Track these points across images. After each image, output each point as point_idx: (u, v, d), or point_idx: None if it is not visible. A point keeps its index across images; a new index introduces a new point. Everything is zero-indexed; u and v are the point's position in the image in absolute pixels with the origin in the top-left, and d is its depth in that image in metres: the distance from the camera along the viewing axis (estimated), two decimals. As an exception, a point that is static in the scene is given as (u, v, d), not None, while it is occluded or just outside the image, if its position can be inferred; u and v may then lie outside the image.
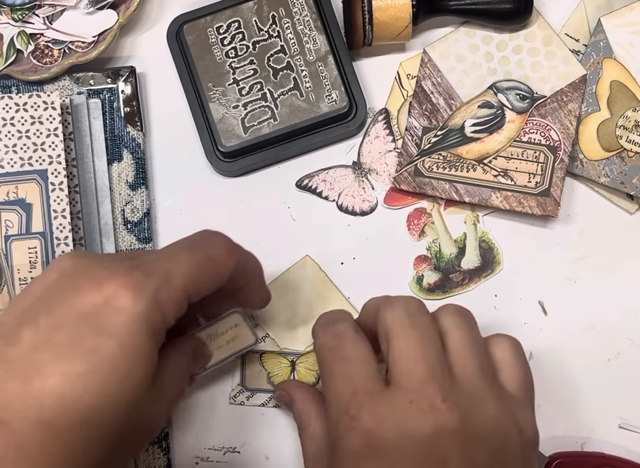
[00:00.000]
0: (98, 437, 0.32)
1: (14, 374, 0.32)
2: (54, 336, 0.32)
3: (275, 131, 0.47)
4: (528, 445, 0.37)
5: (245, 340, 0.43)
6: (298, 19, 0.48)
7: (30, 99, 0.46)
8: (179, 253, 0.36)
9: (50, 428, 0.31)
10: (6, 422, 0.31)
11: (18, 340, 0.32)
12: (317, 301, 0.47)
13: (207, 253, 0.37)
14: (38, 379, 0.31)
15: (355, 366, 0.37)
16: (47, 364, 0.32)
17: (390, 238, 0.49)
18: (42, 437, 0.31)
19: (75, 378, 0.31)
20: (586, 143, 0.48)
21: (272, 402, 0.46)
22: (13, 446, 0.31)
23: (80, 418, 0.31)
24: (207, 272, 0.37)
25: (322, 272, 0.48)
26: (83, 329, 0.32)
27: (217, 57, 0.48)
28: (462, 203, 0.48)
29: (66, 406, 0.31)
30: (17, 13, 0.49)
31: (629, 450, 0.46)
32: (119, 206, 0.48)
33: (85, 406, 0.31)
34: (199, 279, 0.36)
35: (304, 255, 0.48)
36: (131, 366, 0.33)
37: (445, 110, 0.49)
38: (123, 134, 0.49)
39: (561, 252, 0.49)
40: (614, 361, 0.47)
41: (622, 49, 0.49)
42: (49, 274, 0.35)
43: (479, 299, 0.48)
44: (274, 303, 0.46)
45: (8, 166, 0.45)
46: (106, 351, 0.32)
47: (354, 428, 0.34)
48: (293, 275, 0.48)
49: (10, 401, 0.31)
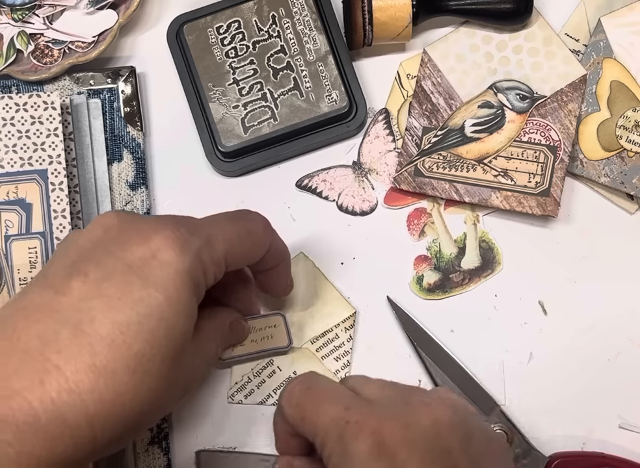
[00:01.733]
0: (146, 385, 0.33)
1: (66, 323, 0.33)
2: (103, 287, 0.33)
3: (275, 131, 0.47)
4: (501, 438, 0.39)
5: (279, 341, 0.45)
6: (298, 19, 0.48)
7: (30, 99, 0.46)
8: (222, 222, 0.38)
9: (103, 372, 0.32)
10: (61, 367, 0.32)
11: (68, 290, 0.33)
12: (312, 297, 0.47)
13: (247, 226, 0.39)
14: (89, 326, 0.33)
15: (335, 389, 0.37)
16: (97, 313, 0.33)
17: (390, 238, 0.49)
18: (95, 381, 0.32)
19: (125, 327, 0.33)
20: (586, 143, 0.48)
21: (270, 400, 0.47)
22: (67, 389, 0.32)
23: (130, 365, 0.33)
24: (246, 243, 0.38)
25: (317, 269, 0.48)
26: (131, 280, 0.33)
27: (217, 57, 0.48)
28: (462, 203, 0.48)
29: (117, 352, 0.32)
30: (17, 13, 0.49)
31: (629, 450, 0.46)
32: (119, 206, 0.48)
33: (134, 353, 0.33)
34: (238, 248, 0.38)
35: (299, 252, 0.48)
36: (176, 317, 0.34)
37: (445, 110, 0.49)
38: (123, 134, 0.49)
39: (561, 252, 0.49)
40: (614, 361, 0.47)
41: (622, 49, 0.49)
42: (94, 229, 0.36)
43: (479, 299, 0.48)
44: (267, 299, 0.47)
45: (8, 166, 0.45)
46: (153, 303, 0.33)
47: (361, 431, 0.34)
48: None
49: (64, 347, 0.32)
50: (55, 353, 0.32)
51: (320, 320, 0.47)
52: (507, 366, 0.47)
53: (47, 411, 0.31)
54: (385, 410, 0.35)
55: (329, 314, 0.47)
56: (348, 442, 0.34)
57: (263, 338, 0.45)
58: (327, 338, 0.47)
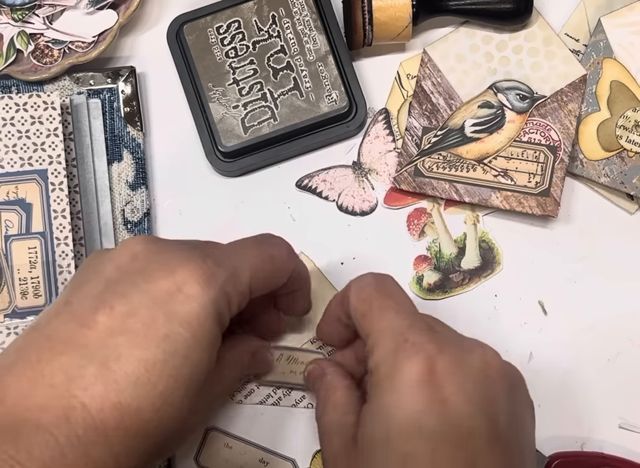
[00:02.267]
0: (169, 418, 0.34)
1: (93, 358, 0.33)
2: (129, 322, 0.33)
3: (275, 131, 0.47)
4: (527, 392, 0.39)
5: None
6: (298, 19, 0.48)
7: (30, 99, 0.46)
8: (247, 248, 0.38)
9: (128, 410, 0.32)
10: (86, 404, 0.32)
11: (94, 324, 0.33)
12: (313, 297, 0.47)
13: (271, 252, 0.39)
14: (115, 364, 0.33)
15: (404, 301, 0.38)
16: (123, 350, 0.33)
17: (390, 238, 0.49)
18: (120, 419, 0.32)
19: (151, 365, 0.33)
20: (586, 143, 0.48)
21: (269, 400, 0.46)
22: (92, 426, 0.32)
23: (155, 403, 0.33)
24: (270, 270, 0.39)
25: (317, 268, 0.48)
26: (156, 315, 0.33)
27: (217, 57, 0.48)
28: (462, 203, 0.48)
29: (142, 391, 0.32)
30: (17, 13, 0.49)
31: (629, 450, 0.46)
32: (119, 206, 0.48)
33: (159, 392, 0.33)
34: (263, 274, 0.38)
35: (299, 252, 0.48)
36: (200, 354, 0.34)
37: (445, 110, 0.49)
38: (123, 134, 0.49)
39: (561, 252, 0.49)
40: (614, 361, 0.47)
41: (622, 49, 0.49)
42: (121, 255, 0.36)
43: (479, 299, 0.48)
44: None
45: (8, 166, 0.45)
46: (179, 340, 0.33)
47: (417, 353, 0.35)
48: None
49: (90, 384, 0.32)
50: (81, 390, 0.32)
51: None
52: (507, 366, 0.47)
53: (72, 447, 0.31)
54: (444, 340, 0.36)
55: None
56: (400, 360, 0.35)
57: (301, 373, 0.45)
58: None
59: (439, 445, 0.34)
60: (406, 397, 0.34)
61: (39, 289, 0.44)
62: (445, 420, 0.34)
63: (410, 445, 0.34)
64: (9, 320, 0.44)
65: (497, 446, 0.34)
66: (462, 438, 0.34)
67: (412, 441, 0.34)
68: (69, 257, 0.45)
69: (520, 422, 0.36)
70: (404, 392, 0.35)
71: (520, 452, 0.35)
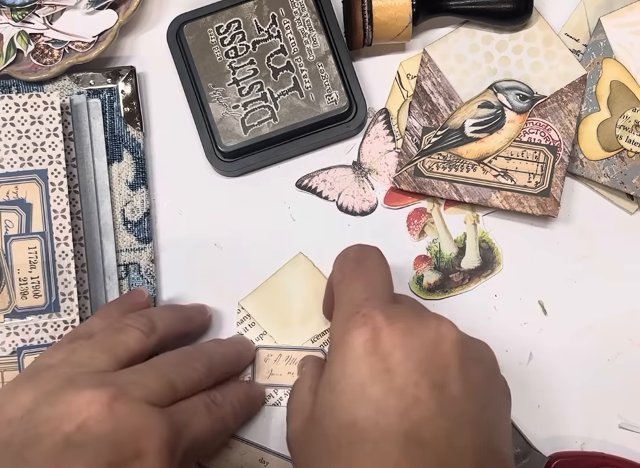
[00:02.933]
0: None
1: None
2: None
3: (275, 131, 0.47)
4: (501, 380, 0.39)
5: None
6: (298, 19, 0.48)
7: (30, 99, 0.46)
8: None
9: None
10: None
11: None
12: (311, 296, 0.47)
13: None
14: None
15: (375, 277, 0.39)
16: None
17: (390, 238, 0.49)
18: None
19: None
20: (586, 143, 0.48)
21: (270, 401, 0.47)
22: None
23: None
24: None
25: (316, 268, 0.48)
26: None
27: (217, 57, 0.48)
28: (462, 203, 0.48)
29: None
30: (17, 13, 0.49)
31: (629, 450, 0.46)
32: (119, 206, 0.48)
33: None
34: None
35: (298, 253, 0.48)
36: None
37: (445, 110, 0.49)
38: (123, 134, 0.49)
39: (561, 252, 0.49)
40: (614, 361, 0.47)
41: (622, 49, 0.49)
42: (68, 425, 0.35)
43: (478, 299, 0.48)
44: (270, 301, 0.47)
45: (8, 166, 0.45)
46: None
47: (365, 324, 0.35)
48: (287, 273, 0.48)
49: None
50: None
51: (320, 318, 0.47)
52: (507, 366, 0.47)
53: None
54: (398, 313, 0.36)
55: None
56: (349, 330, 0.36)
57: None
58: (328, 337, 0.47)
59: (381, 414, 0.34)
60: (350, 367, 0.35)
61: (39, 289, 0.44)
62: (390, 389, 0.34)
63: (353, 414, 0.34)
64: (9, 320, 0.44)
65: (445, 414, 0.34)
66: (407, 406, 0.34)
67: (355, 410, 0.34)
68: (69, 257, 0.45)
69: (480, 394, 0.36)
70: (348, 362, 0.35)
71: (476, 423, 0.35)
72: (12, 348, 0.44)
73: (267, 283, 0.48)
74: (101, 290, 0.47)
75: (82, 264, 0.46)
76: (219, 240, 0.49)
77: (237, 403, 0.42)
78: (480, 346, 0.38)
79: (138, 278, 0.47)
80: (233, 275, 0.48)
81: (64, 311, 0.44)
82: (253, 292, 0.48)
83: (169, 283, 0.48)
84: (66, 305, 0.44)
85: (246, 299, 0.48)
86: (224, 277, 0.48)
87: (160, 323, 0.42)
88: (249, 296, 0.48)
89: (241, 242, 0.49)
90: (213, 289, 0.48)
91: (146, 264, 0.48)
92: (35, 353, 0.44)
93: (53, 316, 0.44)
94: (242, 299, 0.48)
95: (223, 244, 0.49)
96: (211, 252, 0.49)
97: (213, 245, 0.49)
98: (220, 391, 0.42)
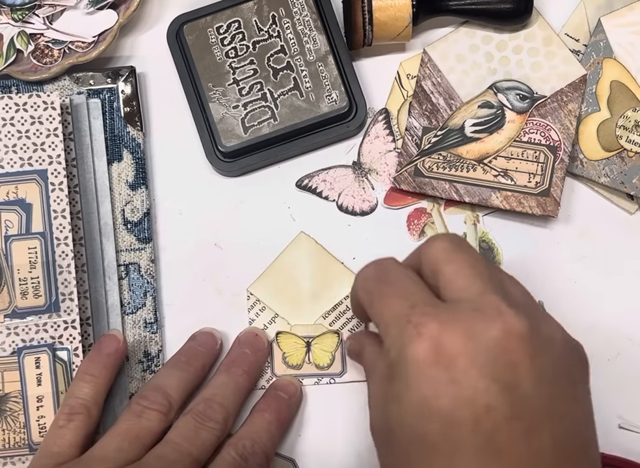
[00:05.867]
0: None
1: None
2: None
3: (275, 131, 0.47)
4: (577, 352, 0.37)
5: (332, 368, 0.47)
6: (298, 19, 0.48)
7: (30, 99, 0.46)
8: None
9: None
10: None
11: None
12: (318, 273, 0.48)
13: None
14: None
15: (406, 284, 0.37)
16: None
17: (390, 238, 0.49)
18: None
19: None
20: (586, 143, 0.48)
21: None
22: None
23: None
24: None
25: (319, 245, 0.48)
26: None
27: (217, 57, 0.48)
28: (462, 203, 0.48)
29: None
30: (17, 13, 0.49)
31: (629, 450, 0.46)
32: (119, 206, 0.48)
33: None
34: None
35: (299, 232, 0.48)
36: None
37: (445, 110, 0.49)
38: (123, 134, 0.49)
39: (561, 252, 0.49)
40: (614, 361, 0.47)
41: (622, 49, 0.49)
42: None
43: (479, 299, 0.48)
44: (278, 283, 0.48)
45: (8, 166, 0.45)
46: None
47: (420, 335, 0.33)
48: (291, 253, 0.48)
49: None
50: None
51: (329, 294, 0.48)
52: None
53: None
54: (450, 314, 0.34)
55: (337, 287, 0.48)
56: (405, 343, 0.34)
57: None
58: (338, 312, 0.47)
59: (453, 427, 0.32)
60: (414, 384, 0.33)
61: (39, 289, 0.44)
62: (457, 399, 0.32)
63: (423, 429, 0.33)
64: (9, 320, 0.44)
65: (519, 415, 0.32)
66: (477, 416, 0.32)
67: (424, 425, 0.33)
68: (69, 257, 0.45)
69: (554, 384, 0.33)
70: (411, 379, 0.33)
71: (552, 417, 0.33)
72: (12, 348, 0.44)
73: (273, 266, 0.48)
74: (101, 290, 0.47)
75: (82, 264, 0.46)
76: (219, 240, 0.49)
77: (269, 443, 0.43)
78: (549, 323, 0.35)
79: (138, 278, 0.47)
80: (233, 273, 0.48)
81: (64, 311, 0.44)
82: (260, 277, 0.48)
83: (169, 283, 0.48)
84: (66, 305, 0.44)
85: (254, 285, 0.48)
86: (224, 277, 0.48)
87: (175, 394, 0.43)
88: (256, 281, 0.48)
89: (241, 242, 0.49)
90: (213, 289, 0.48)
91: (146, 264, 0.48)
92: (35, 354, 0.44)
93: (53, 316, 0.45)
94: (249, 286, 0.48)
95: (223, 244, 0.49)
96: (211, 252, 0.49)
97: (213, 245, 0.49)
98: (248, 438, 0.43)
